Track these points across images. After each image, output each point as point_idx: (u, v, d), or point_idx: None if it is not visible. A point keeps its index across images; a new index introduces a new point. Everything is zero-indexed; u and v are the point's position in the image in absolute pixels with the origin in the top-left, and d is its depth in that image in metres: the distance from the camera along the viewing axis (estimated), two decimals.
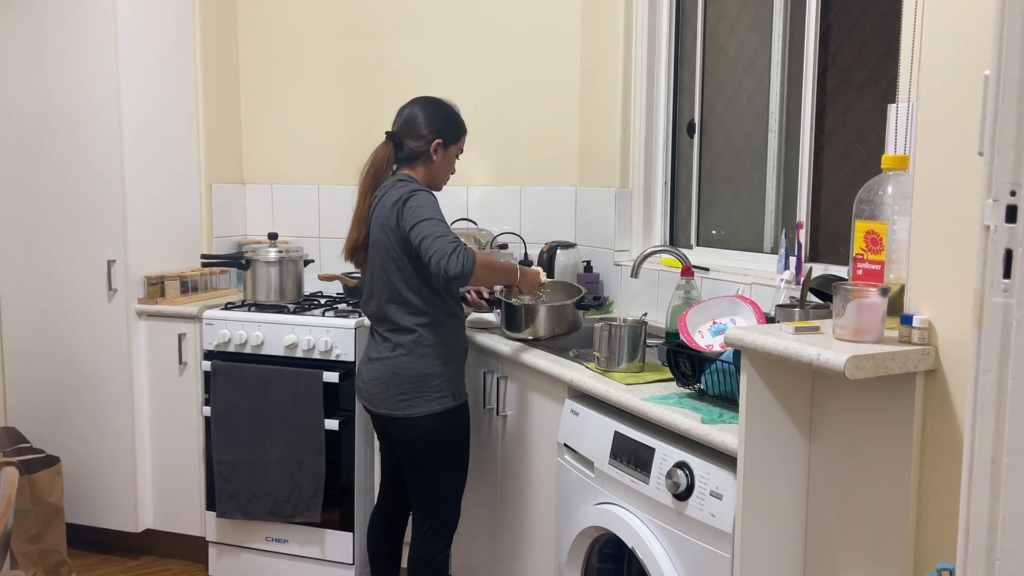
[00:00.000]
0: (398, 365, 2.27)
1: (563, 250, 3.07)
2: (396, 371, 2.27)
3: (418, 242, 2.13)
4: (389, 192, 2.26)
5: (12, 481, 1.78)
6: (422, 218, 2.14)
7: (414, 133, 2.33)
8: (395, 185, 2.27)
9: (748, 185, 2.73)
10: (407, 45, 3.44)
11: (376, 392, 2.31)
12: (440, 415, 2.28)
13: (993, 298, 0.86)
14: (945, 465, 1.28)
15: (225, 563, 3.10)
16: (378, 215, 2.28)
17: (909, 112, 1.55)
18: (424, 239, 2.12)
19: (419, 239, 2.13)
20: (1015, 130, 0.84)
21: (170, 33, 3.25)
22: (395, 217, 2.20)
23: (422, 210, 2.16)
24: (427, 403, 2.26)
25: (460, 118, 2.40)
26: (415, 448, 2.30)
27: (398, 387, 2.27)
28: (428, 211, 2.16)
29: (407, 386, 2.26)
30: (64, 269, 3.16)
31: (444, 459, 2.32)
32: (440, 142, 2.33)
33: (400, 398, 2.27)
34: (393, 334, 2.29)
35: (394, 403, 2.28)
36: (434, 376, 2.27)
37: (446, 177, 2.41)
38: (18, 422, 3.27)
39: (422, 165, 2.34)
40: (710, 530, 1.63)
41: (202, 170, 3.42)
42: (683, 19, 3.01)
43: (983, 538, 0.88)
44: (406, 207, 2.18)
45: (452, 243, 2.09)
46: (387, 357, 2.29)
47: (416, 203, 2.18)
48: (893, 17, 2.15)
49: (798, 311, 1.78)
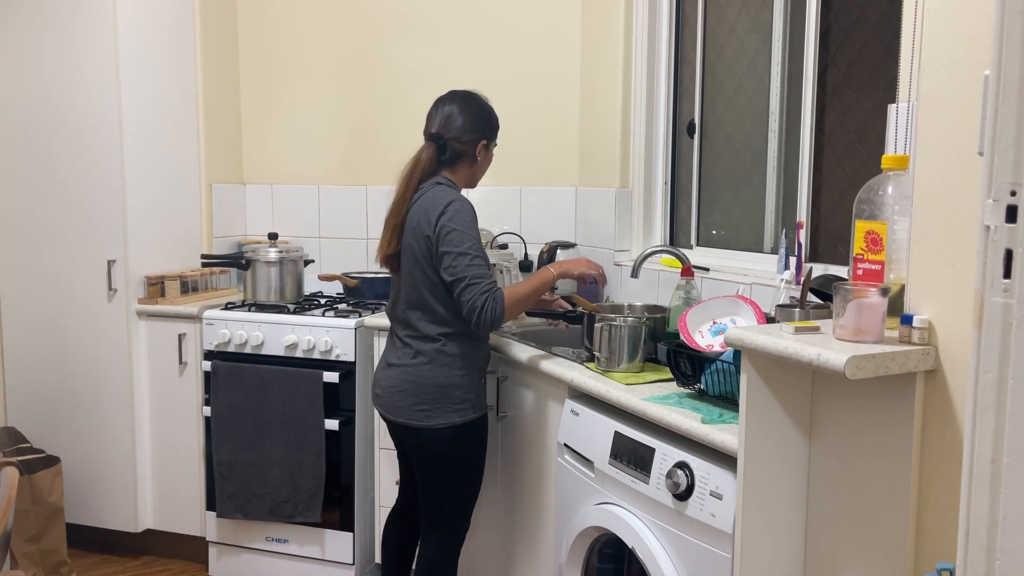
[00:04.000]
0: (419, 374, 2.21)
1: (563, 250, 3.07)
2: (416, 379, 2.21)
3: (451, 279, 2.11)
4: (425, 196, 2.19)
5: (12, 481, 1.78)
6: (458, 250, 2.09)
7: (457, 134, 2.24)
8: (432, 189, 2.19)
9: (748, 185, 2.73)
10: (407, 45, 3.44)
11: (394, 400, 2.24)
12: (460, 427, 2.21)
13: (993, 298, 0.86)
14: (945, 465, 1.28)
15: (225, 563, 3.10)
16: (411, 219, 2.19)
17: (909, 112, 1.55)
18: (456, 281, 2.10)
19: (452, 278, 2.11)
20: (1015, 130, 0.84)
21: (170, 33, 3.26)
22: (431, 228, 2.13)
23: (459, 237, 2.10)
24: (447, 414, 2.20)
25: (494, 115, 2.34)
26: (431, 460, 2.24)
27: (417, 396, 2.20)
28: (466, 240, 2.10)
29: (427, 396, 2.20)
30: (64, 269, 3.16)
31: (460, 472, 2.26)
32: (485, 142, 2.28)
33: (419, 407, 2.20)
34: (415, 341, 2.22)
35: (412, 412, 2.21)
36: (455, 387, 2.20)
37: (481, 175, 2.36)
38: (18, 422, 3.27)
39: (465, 166, 2.28)
40: (710, 530, 1.63)
41: (202, 170, 3.42)
42: (683, 19, 3.01)
43: (983, 538, 0.88)
44: (443, 227, 2.11)
45: (483, 293, 2.07)
46: (407, 364, 2.23)
47: (454, 224, 2.11)
48: (893, 17, 2.15)
49: (798, 311, 1.78)
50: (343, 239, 3.55)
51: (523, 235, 3.28)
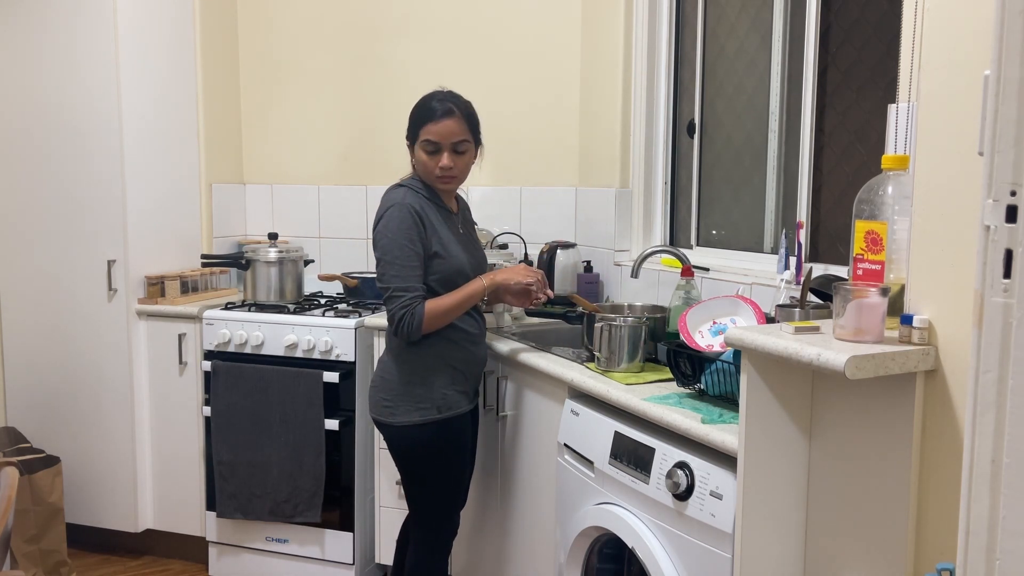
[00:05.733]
0: (385, 369, 2.24)
1: (563, 250, 3.07)
2: (384, 376, 2.24)
3: (379, 287, 2.15)
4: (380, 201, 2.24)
5: (12, 481, 1.78)
6: (386, 259, 2.12)
7: None
8: (389, 191, 2.23)
9: (748, 185, 2.73)
10: (407, 45, 3.44)
11: (370, 395, 2.29)
12: (421, 427, 2.19)
13: (993, 298, 0.86)
14: (945, 465, 1.28)
15: (225, 563, 3.10)
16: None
17: (909, 112, 1.55)
18: (382, 289, 2.14)
19: (380, 285, 2.15)
20: (1015, 130, 0.84)
21: (170, 33, 3.26)
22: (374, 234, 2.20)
23: (387, 245, 2.12)
24: (407, 413, 2.19)
25: (419, 110, 2.21)
26: (397, 456, 2.26)
27: (384, 392, 2.23)
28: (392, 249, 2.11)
29: (391, 392, 2.21)
30: (64, 269, 3.16)
31: (427, 471, 2.25)
32: (408, 144, 2.25)
33: (385, 403, 2.22)
34: (391, 338, 2.25)
35: (380, 408, 2.23)
36: (416, 386, 2.19)
37: (430, 175, 2.20)
38: (18, 422, 3.27)
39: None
40: (710, 530, 1.63)
41: (202, 170, 3.42)
42: (683, 19, 3.01)
43: (983, 538, 0.88)
44: (377, 232, 2.16)
45: (402, 308, 2.09)
46: (383, 360, 2.28)
47: (386, 231, 2.13)
48: (893, 17, 2.15)
49: (798, 311, 1.78)
50: (343, 239, 3.55)
51: (523, 235, 3.28)
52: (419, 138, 2.19)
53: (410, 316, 2.09)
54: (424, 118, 2.18)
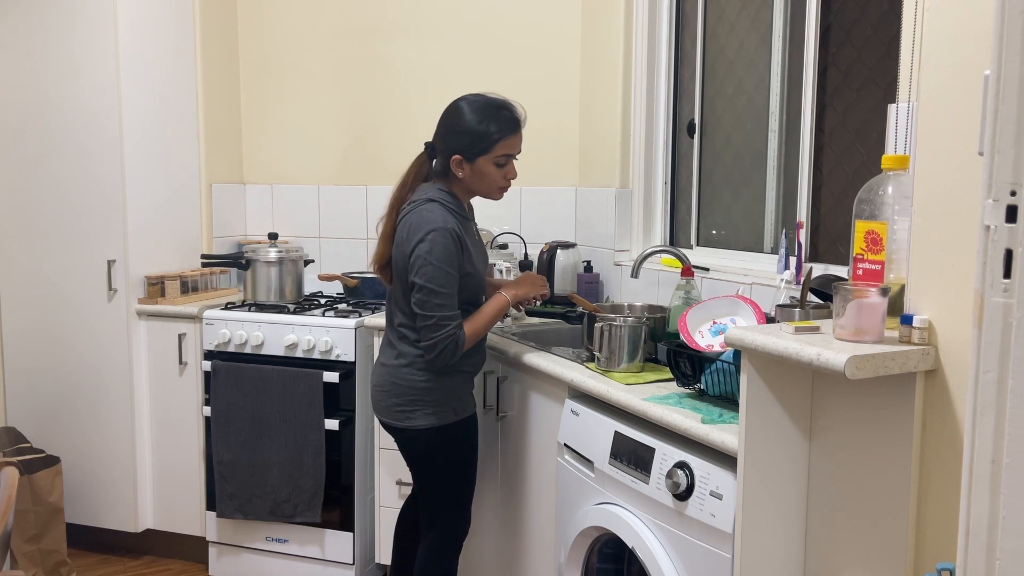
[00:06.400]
0: (399, 376, 2.20)
1: (563, 250, 3.07)
2: (396, 381, 2.21)
3: (418, 312, 2.09)
4: (412, 214, 2.12)
5: (12, 481, 1.78)
6: (429, 286, 2.06)
7: (437, 145, 2.18)
8: (423, 206, 2.11)
9: (748, 185, 2.73)
10: (407, 45, 3.44)
11: (379, 399, 2.26)
12: (439, 429, 2.20)
13: (993, 298, 0.86)
14: (945, 465, 1.28)
15: (225, 563, 3.10)
16: (400, 231, 2.15)
17: (909, 112, 1.55)
18: (422, 316, 2.08)
19: (420, 311, 2.09)
20: (1015, 130, 0.84)
21: (170, 33, 3.26)
22: (409, 250, 2.09)
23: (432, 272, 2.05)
24: (425, 416, 2.19)
25: (499, 122, 2.11)
26: (414, 460, 2.26)
27: (397, 397, 2.21)
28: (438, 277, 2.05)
29: (405, 397, 2.19)
30: (64, 269, 3.16)
31: (445, 472, 2.26)
32: (459, 158, 2.13)
33: (399, 408, 2.21)
34: (400, 342, 2.22)
35: (393, 413, 2.22)
36: (432, 391, 2.19)
37: (492, 189, 2.18)
38: (18, 422, 3.27)
39: (455, 180, 2.18)
40: (710, 530, 1.63)
41: (202, 170, 3.42)
42: (683, 19, 3.01)
43: (983, 538, 0.88)
44: (418, 257, 2.06)
45: (448, 337, 2.07)
46: (392, 365, 2.23)
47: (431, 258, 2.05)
48: (893, 17, 2.15)
49: (798, 311, 1.78)
50: (343, 239, 3.55)
51: (523, 235, 3.28)
52: (494, 152, 2.11)
53: (453, 345, 2.10)
54: (507, 130, 2.11)
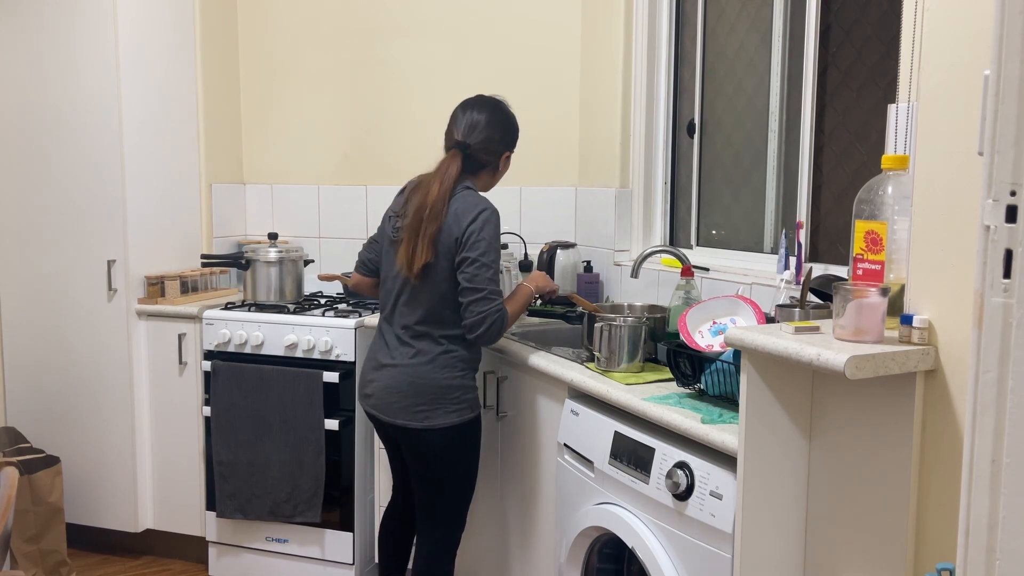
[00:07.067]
0: (418, 374, 2.18)
1: (563, 250, 3.07)
2: (415, 380, 2.18)
3: (466, 286, 2.11)
4: (456, 200, 2.16)
5: (12, 481, 1.78)
6: (482, 260, 2.11)
7: (484, 144, 2.24)
8: (463, 193, 2.18)
9: (748, 185, 2.73)
10: (407, 45, 3.44)
11: (391, 401, 2.21)
12: (459, 427, 2.20)
13: (993, 298, 0.86)
14: (945, 465, 1.28)
15: (225, 563, 3.10)
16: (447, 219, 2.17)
17: (909, 112, 1.55)
18: (471, 289, 2.11)
19: (469, 285, 2.11)
20: (1015, 130, 0.84)
21: (170, 33, 3.25)
22: (460, 231, 2.12)
23: (485, 247, 2.12)
24: (447, 415, 2.18)
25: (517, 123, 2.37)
26: (430, 461, 2.23)
27: (417, 397, 2.18)
28: (490, 252, 2.13)
29: (426, 396, 2.17)
30: (64, 269, 3.16)
31: (457, 471, 2.26)
32: (508, 154, 2.32)
33: (419, 408, 2.18)
34: (417, 340, 2.19)
35: (411, 413, 2.18)
36: (455, 388, 2.19)
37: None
38: (18, 422, 3.27)
39: (487, 175, 2.30)
40: (710, 530, 1.63)
41: (202, 170, 3.42)
42: (683, 19, 3.01)
43: (983, 538, 0.88)
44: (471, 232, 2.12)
45: (497, 311, 2.11)
46: (405, 364, 2.20)
47: (484, 234, 2.12)
48: (893, 17, 2.15)
49: (798, 311, 1.78)
50: (343, 239, 3.55)
51: (523, 235, 3.28)
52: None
53: (501, 320, 2.13)
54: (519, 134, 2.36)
